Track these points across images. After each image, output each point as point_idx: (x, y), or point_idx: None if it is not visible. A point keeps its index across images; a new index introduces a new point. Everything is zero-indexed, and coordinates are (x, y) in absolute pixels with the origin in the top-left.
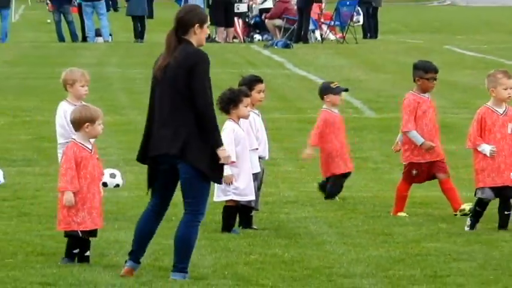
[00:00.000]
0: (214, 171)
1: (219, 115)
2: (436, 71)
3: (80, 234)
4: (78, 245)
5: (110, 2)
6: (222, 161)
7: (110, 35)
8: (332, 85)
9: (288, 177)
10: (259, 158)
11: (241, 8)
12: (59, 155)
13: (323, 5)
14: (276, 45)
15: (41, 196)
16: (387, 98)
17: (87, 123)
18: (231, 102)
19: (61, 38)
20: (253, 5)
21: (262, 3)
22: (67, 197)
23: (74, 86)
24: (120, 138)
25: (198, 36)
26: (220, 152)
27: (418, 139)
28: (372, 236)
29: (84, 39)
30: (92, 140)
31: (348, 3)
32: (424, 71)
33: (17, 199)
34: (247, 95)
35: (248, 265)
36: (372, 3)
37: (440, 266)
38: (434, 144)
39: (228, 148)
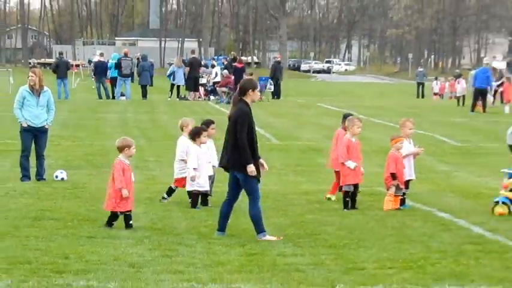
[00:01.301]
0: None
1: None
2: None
3: (119, 214)
4: (116, 219)
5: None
6: (249, 173)
7: None
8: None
9: (228, 178)
10: (212, 166)
11: (203, 81)
12: (176, 170)
13: None
14: (222, 102)
15: (88, 187)
16: (286, 132)
17: (126, 148)
18: (196, 134)
19: (100, 97)
20: (210, 80)
21: (214, 78)
22: (124, 192)
23: (187, 127)
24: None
25: (251, 97)
26: (248, 167)
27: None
28: (275, 211)
29: (113, 98)
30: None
31: (263, 78)
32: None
33: (74, 188)
34: (205, 130)
35: (206, 227)
36: (279, 79)
37: (315, 229)
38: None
39: (194, 161)
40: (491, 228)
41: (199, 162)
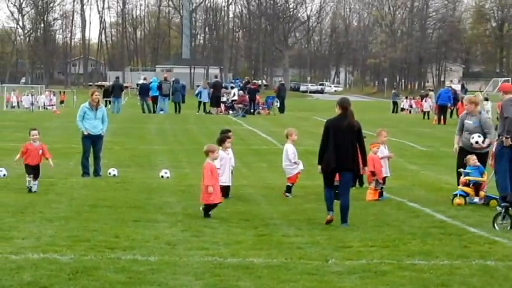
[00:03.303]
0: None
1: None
2: None
3: (211, 205)
4: (210, 210)
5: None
6: (362, 172)
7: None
8: None
9: (243, 175)
10: (232, 166)
11: (224, 99)
12: (286, 170)
13: (260, 98)
14: (239, 115)
15: (134, 181)
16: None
17: (211, 152)
18: (221, 141)
19: (143, 112)
20: (229, 98)
21: (233, 97)
22: (210, 189)
23: (292, 136)
24: (168, 156)
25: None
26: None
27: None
28: (281, 200)
29: (154, 112)
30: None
31: (271, 97)
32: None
33: (123, 182)
34: (229, 138)
35: (226, 213)
36: (283, 97)
37: (312, 215)
38: None
39: (217, 163)
40: (451, 215)
41: (222, 163)
